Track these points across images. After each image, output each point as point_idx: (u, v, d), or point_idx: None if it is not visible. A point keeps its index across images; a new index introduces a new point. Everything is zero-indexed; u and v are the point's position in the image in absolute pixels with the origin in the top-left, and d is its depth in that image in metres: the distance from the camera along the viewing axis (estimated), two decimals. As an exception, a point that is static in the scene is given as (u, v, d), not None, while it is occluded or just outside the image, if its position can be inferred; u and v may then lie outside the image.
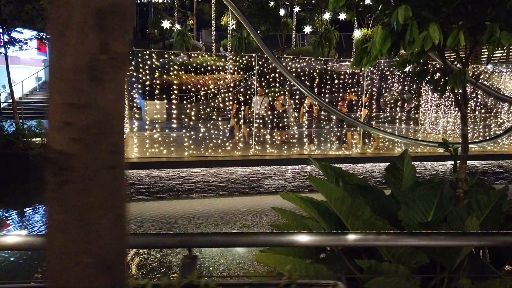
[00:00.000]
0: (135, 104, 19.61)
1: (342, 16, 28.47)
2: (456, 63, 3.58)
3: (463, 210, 2.99)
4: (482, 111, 14.12)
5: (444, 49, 3.35)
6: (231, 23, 27.60)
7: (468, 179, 3.91)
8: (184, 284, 1.10)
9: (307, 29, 30.18)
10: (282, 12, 30.97)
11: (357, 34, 27.56)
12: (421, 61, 3.46)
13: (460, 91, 3.25)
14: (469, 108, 14.45)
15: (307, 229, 3.60)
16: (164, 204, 8.52)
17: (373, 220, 2.72)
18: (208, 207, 8.46)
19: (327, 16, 28.21)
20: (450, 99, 14.61)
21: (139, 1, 35.16)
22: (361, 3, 3.46)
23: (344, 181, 3.74)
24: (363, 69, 3.76)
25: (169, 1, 29.71)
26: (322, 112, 11.79)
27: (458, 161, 3.30)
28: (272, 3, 29.76)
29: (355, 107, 10.68)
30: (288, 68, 13.35)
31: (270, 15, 28.91)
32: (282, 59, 17.19)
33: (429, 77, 3.39)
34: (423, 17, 2.94)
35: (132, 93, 20.24)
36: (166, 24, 26.07)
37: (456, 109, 14.17)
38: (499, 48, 2.93)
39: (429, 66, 3.44)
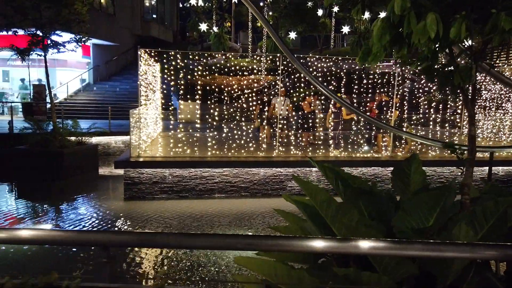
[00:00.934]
0: (170, 105, 20.13)
1: (382, 14, 27.67)
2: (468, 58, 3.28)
3: (463, 218, 2.72)
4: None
5: (454, 42, 3.07)
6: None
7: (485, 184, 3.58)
8: (45, 283, 1.04)
9: (345, 29, 29.52)
10: (320, 12, 30.53)
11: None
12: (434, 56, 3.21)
13: (469, 88, 2.97)
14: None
15: (306, 233, 3.45)
16: (184, 203, 8.59)
17: (354, 225, 2.54)
18: (228, 207, 8.43)
19: (366, 15, 27.42)
20: (494, 100, 13.70)
21: (180, 5, 36.11)
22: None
23: (345, 184, 3.55)
24: (369, 65, 3.54)
25: (208, 4, 30.17)
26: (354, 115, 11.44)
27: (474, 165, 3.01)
28: (309, 3, 29.40)
29: (384, 108, 10.25)
30: (315, 68, 13.10)
31: (307, 16, 28.59)
32: (309, 59, 16.92)
33: (436, 74, 3.13)
34: (424, 7, 2.72)
35: (169, 94, 20.81)
36: (203, 26, 26.51)
37: (504, 110, 13.25)
38: (505, 39, 2.64)
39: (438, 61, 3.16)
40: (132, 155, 8.88)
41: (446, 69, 3.02)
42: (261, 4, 27.47)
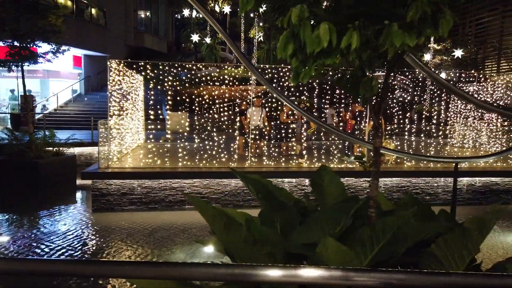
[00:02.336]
0: (160, 114, 20.13)
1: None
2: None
3: (363, 233, 2.62)
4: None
5: (349, 52, 3.02)
6: (258, 35, 27.70)
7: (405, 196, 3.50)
8: None
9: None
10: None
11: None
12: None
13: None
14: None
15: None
16: (152, 215, 8.51)
17: (242, 242, 2.45)
18: (197, 218, 8.32)
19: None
20: (478, 110, 13.60)
21: (176, 16, 36.39)
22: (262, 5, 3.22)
23: (269, 196, 3.47)
24: (302, 82, 3.46)
25: (201, 15, 30.39)
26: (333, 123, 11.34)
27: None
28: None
29: (358, 119, 10.17)
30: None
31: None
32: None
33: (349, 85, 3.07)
34: (321, 17, 2.67)
35: (159, 104, 20.83)
36: (195, 37, 26.69)
37: (488, 121, 13.15)
38: (400, 51, 2.59)
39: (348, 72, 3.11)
40: (101, 166, 8.83)
41: (353, 79, 2.97)
42: (252, 15, 27.66)
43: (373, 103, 3.08)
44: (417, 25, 2.43)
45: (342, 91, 12.59)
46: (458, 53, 21.49)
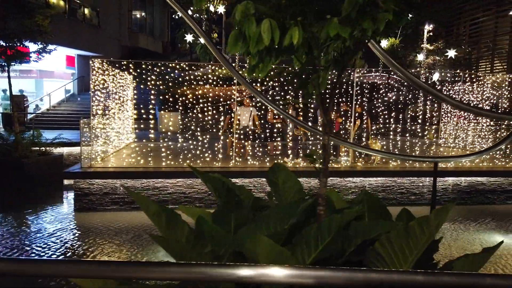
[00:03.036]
0: (153, 114, 20.09)
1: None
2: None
3: (309, 231, 2.59)
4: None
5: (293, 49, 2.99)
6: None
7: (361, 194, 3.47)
8: None
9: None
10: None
11: (384, 43, 26.60)
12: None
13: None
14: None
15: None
16: (134, 214, 8.48)
17: (184, 241, 2.42)
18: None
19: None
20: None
21: (172, 16, 36.35)
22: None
23: (221, 195, 3.44)
24: (258, 77, 3.44)
25: (196, 15, 30.34)
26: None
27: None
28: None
29: (343, 118, 10.14)
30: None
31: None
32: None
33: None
34: (264, 14, 2.64)
35: (149, 104, 20.78)
36: (189, 37, 26.63)
37: (478, 121, 13.12)
38: (338, 45, 2.56)
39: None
40: (83, 165, 8.79)
41: (304, 77, 2.94)
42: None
43: (327, 100, 3.05)
44: (355, 19, 2.41)
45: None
46: (452, 53, 21.46)
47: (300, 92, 12.48)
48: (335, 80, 3.02)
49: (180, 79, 19.48)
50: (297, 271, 1.32)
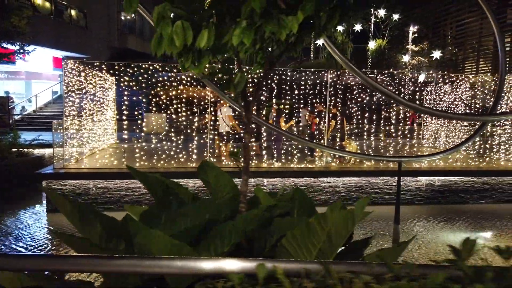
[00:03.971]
0: (138, 115, 20.10)
1: (358, 27, 27.96)
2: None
3: (225, 227, 2.66)
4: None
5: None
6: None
7: (283, 191, 3.54)
8: None
9: (320, 41, 29.66)
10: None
11: (372, 45, 26.79)
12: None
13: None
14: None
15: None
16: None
17: (98, 239, 2.48)
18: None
19: (340, 27, 27.66)
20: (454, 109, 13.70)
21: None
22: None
23: (159, 193, 3.50)
24: (198, 73, 3.50)
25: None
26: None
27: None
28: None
29: (317, 119, 10.23)
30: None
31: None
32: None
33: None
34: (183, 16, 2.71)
35: (135, 105, 20.81)
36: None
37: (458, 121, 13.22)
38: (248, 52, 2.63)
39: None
40: (55, 166, 8.82)
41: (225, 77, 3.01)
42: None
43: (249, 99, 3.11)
44: (258, 22, 2.48)
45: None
46: (437, 54, 21.64)
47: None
48: (260, 79, 3.10)
49: (165, 80, 19.49)
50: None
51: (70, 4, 21.98)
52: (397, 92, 17.97)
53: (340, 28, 27.60)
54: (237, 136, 10.54)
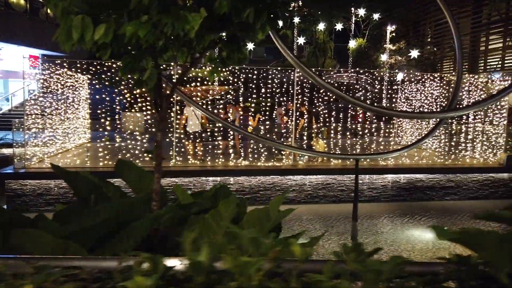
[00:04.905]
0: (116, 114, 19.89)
1: (339, 26, 28.09)
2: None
3: (129, 228, 2.64)
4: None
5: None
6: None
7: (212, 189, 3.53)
8: None
9: (301, 40, 29.76)
10: (280, 23, 30.82)
11: (352, 44, 26.95)
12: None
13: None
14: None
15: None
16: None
17: None
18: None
19: (321, 26, 27.78)
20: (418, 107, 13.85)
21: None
22: None
23: (82, 192, 3.46)
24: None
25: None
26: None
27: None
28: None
29: (285, 117, 10.26)
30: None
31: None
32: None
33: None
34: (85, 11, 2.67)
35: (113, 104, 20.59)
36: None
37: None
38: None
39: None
40: (16, 166, 8.69)
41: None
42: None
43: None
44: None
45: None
46: (415, 53, 21.86)
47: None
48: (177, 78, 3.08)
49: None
50: None
51: (46, 1, 21.66)
52: (377, 91, 18.11)
53: (321, 27, 27.75)
54: (203, 135, 10.49)
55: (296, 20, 30.37)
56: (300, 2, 29.11)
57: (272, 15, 3.22)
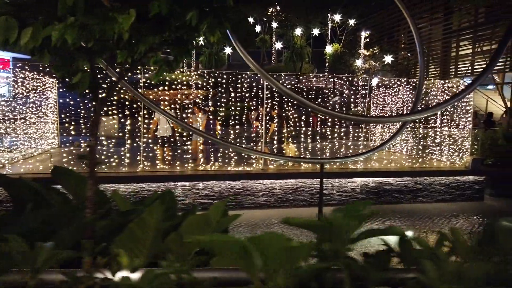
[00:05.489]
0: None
1: (315, 31, 28.39)
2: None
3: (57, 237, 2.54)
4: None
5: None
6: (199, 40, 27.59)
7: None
8: None
9: (278, 45, 29.97)
10: (258, 28, 30.96)
11: (329, 49, 27.28)
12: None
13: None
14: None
15: None
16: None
17: None
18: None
19: (298, 32, 28.03)
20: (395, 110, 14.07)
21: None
22: None
23: (18, 198, 3.33)
24: None
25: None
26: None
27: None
28: (250, 19, 29.64)
29: (254, 121, 10.24)
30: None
31: (240, 31, 28.76)
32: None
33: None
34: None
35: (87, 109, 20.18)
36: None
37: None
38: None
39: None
40: (-26, 172, 8.38)
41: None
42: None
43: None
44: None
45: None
46: (388, 59, 22.26)
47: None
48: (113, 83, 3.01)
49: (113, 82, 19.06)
50: None
51: (16, 3, 21.13)
52: (349, 96, 18.33)
53: (298, 32, 28.00)
54: (172, 140, 10.37)
55: (275, 25, 30.60)
56: (278, 7, 29.33)
57: (220, 18, 3.20)
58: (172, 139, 10.20)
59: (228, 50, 29.68)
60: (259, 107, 11.03)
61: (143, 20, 2.88)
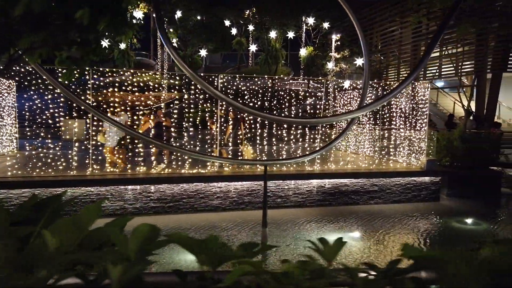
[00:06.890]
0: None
1: (290, 34, 28.50)
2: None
3: None
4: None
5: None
6: (172, 41, 27.37)
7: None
8: None
9: (253, 48, 29.99)
10: (234, 31, 30.92)
11: (303, 52, 27.42)
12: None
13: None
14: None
15: None
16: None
17: None
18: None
19: (273, 34, 28.09)
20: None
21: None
22: None
23: None
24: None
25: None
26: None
27: None
28: (227, 22, 29.54)
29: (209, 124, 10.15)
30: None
31: (217, 34, 28.69)
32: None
33: None
34: None
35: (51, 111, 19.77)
36: (105, 43, 25.78)
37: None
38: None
39: None
40: None
41: None
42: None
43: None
44: None
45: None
46: (360, 61, 22.47)
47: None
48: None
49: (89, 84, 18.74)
50: None
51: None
52: (324, 98, 18.37)
53: (273, 35, 28.06)
54: (123, 142, 10.18)
55: (251, 27, 30.61)
56: (254, 9, 29.33)
57: (118, 19, 3.12)
58: (122, 142, 10.02)
59: (203, 52, 29.55)
60: (214, 109, 10.94)
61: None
